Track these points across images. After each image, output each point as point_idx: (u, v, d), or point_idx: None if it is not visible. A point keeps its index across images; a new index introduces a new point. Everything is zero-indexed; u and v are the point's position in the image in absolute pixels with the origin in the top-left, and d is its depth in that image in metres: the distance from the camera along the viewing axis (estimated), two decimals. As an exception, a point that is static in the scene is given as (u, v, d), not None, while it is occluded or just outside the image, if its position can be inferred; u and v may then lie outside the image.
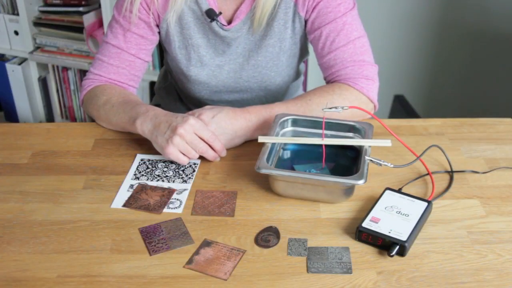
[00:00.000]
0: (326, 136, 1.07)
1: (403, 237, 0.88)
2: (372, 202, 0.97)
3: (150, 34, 1.23)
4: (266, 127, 1.13)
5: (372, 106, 1.21)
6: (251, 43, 1.25)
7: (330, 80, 1.23)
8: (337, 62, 1.19)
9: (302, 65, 1.44)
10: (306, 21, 1.22)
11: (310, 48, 1.32)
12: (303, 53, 1.32)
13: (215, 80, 1.29)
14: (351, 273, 0.84)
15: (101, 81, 1.23)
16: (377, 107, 1.22)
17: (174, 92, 1.48)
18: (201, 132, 1.04)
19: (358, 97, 1.18)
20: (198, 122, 1.04)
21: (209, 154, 1.06)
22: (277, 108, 1.14)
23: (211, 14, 1.20)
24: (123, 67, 1.22)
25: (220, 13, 1.21)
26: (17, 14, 2.42)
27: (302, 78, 1.51)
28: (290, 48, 1.26)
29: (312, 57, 1.41)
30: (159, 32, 1.26)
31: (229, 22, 1.23)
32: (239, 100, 1.34)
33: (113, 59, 1.22)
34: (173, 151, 1.02)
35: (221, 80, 1.30)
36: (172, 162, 1.10)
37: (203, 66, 1.27)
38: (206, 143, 1.05)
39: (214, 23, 1.21)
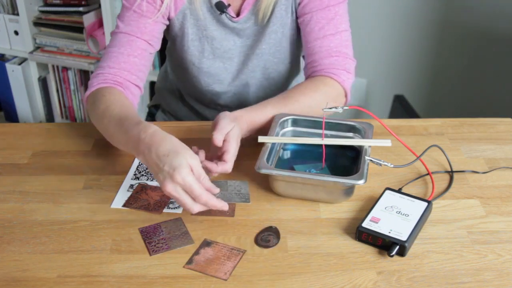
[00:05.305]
0: (326, 136, 1.07)
1: (403, 237, 0.88)
2: (372, 202, 0.97)
3: (162, 20, 1.21)
4: (254, 129, 1.09)
5: (344, 100, 1.23)
6: (256, 32, 1.26)
7: (312, 67, 1.22)
8: (322, 49, 1.20)
9: (302, 61, 1.44)
10: (299, 4, 1.23)
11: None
12: (300, 41, 1.32)
13: (226, 72, 1.30)
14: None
15: (110, 74, 1.14)
16: (349, 100, 1.24)
17: (175, 91, 1.48)
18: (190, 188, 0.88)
19: (339, 91, 1.19)
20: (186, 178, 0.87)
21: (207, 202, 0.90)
22: (265, 109, 1.11)
23: (220, 7, 1.20)
24: (134, 56, 1.16)
25: (229, 5, 1.21)
26: (17, 14, 2.42)
27: (302, 74, 1.51)
28: (291, 34, 1.27)
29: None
30: (167, 24, 1.25)
31: (237, 14, 1.24)
32: (243, 93, 1.35)
33: (124, 47, 1.16)
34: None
35: (231, 72, 1.30)
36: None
37: (215, 58, 1.28)
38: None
39: (223, 16, 1.22)
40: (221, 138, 0.97)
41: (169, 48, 1.38)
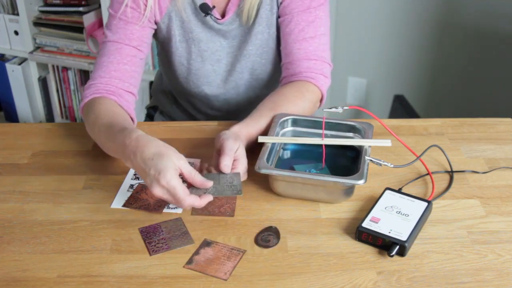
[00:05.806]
0: (326, 136, 1.07)
1: (403, 237, 0.88)
2: (372, 202, 0.97)
3: (150, 24, 1.21)
4: (251, 142, 1.07)
5: (319, 104, 1.25)
6: (242, 33, 1.26)
7: (289, 68, 1.22)
8: (300, 52, 1.21)
9: None
10: (281, 3, 1.22)
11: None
12: None
13: (214, 74, 1.30)
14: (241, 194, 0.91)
15: (102, 84, 1.14)
16: (323, 103, 1.26)
17: (169, 94, 1.48)
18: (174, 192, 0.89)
19: (318, 96, 1.21)
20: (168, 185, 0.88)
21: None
22: (259, 123, 1.10)
23: (205, 9, 1.20)
24: (124, 63, 1.17)
25: (214, 7, 1.21)
26: (17, 14, 2.42)
27: None
28: (277, 34, 1.27)
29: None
30: (155, 29, 1.25)
31: (223, 15, 1.24)
32: (233, 95, 1.34)
33: (113, 55, 1.16)
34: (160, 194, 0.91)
35: (220, 74, 1.30)
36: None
37: (203, 61, 1.28)
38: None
39: (208, 18, 1.22)
40: (230, 165, 0.97)
41: (160, 52, 1.38)
